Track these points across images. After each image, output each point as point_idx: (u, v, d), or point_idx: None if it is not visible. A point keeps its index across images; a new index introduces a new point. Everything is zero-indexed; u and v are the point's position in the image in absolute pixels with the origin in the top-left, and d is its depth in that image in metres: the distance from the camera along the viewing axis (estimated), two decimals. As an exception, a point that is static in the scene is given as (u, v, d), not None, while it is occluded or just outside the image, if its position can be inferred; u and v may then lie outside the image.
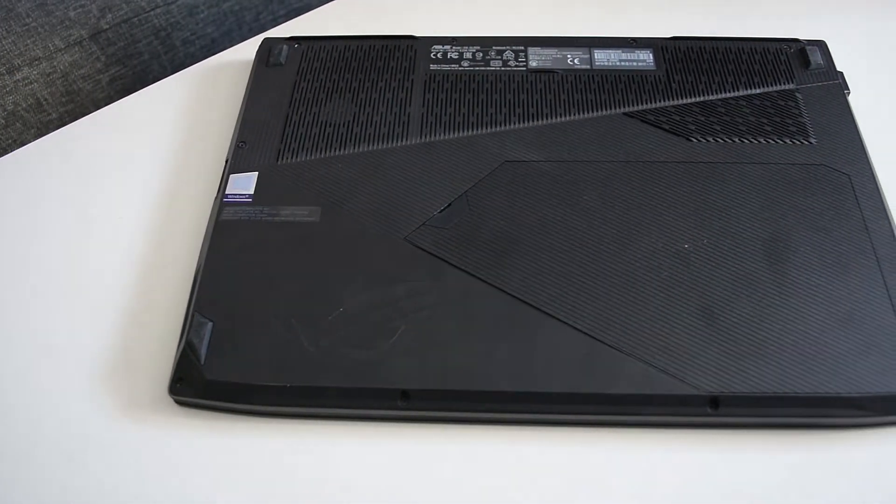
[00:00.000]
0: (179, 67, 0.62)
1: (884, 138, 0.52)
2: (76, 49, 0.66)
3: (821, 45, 0.55)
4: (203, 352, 0.41)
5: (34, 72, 0.64)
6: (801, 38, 0.56)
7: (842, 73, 0.54)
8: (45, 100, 0.67)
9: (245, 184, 0.48)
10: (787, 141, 0.50)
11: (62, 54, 0.65)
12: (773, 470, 0.39)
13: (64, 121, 0.67)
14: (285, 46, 0.56)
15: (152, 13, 0.68)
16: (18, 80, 0.63)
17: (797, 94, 0.52)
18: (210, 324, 0.42)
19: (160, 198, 0.51)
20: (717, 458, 0.40)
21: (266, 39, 0.57)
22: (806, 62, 0.54)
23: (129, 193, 0.51)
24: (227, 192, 0.47)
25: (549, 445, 0.40)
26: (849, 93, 0.53)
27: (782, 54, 0.55)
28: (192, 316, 0.42)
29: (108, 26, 0.66)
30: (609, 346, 0.41)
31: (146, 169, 0.53)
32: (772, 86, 0.53)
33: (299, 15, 0.65)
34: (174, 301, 0.45)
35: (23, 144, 0.58)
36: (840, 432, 0.41)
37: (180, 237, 0.48)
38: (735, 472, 0.39)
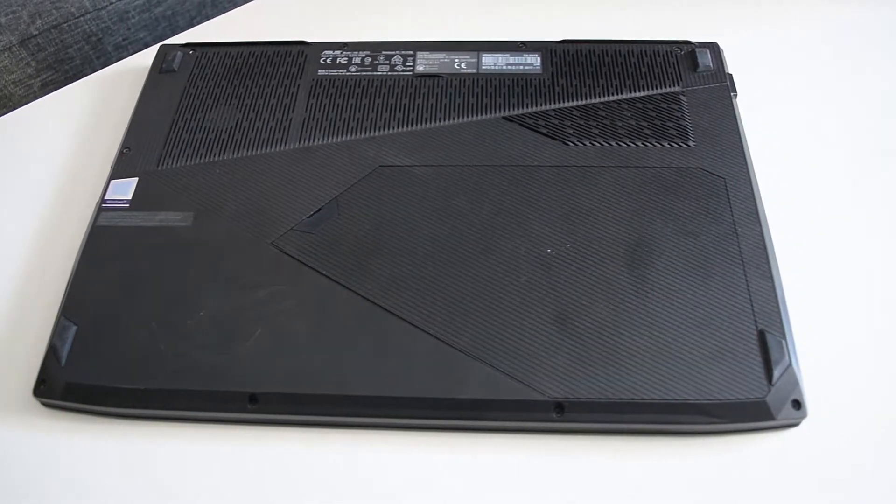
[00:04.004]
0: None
1: (769, 142, 0.51)
2: (6, 55, 0.67)
3: (712, 48, 0.54)
4: (64, 355, 0.42)
5: (-37, 77, 0.66)
6: (694, 40, 0.55)
7: (731, 75, 0.53)
8: (-23, 105, 0.68)
9: (124, 189, 0.49)
10: (666, 144, 0.49)
11: (-9, 60, 0.67)
12: (621, 477, 0.39)
13: (-4, 125, 0.69)
14: (180, 52, 0.57)
15: (82, 19, 0.70)
16: (-53, 85, 0.65)
17: (681, 97, 0.52)
18: (74, 327, 0.43)
19: (47, 203, 0.52)
20: (562, 464, 0.40)
21: (163, 45, 0.58)
22: (695, 64, 0.53)
23: (17, 200, 0.52)
24: (105, 198, 0.48)
25: (396, 449, 0.41)
26: (736, 95, 0.52)
27: (672, 56, 0.54)
28: (58, 319, 0.43)
29: (37, 32, 0.68)
30: (458, 350, 0.41)
31: (37, 175, 0.54)
32: (657, 88, 0.52)
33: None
34: (51, 304, 0.46)
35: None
36: (689, 439, 0.40)
37: (63, 242, 0.49)
38: (581, 478, 0.39)
